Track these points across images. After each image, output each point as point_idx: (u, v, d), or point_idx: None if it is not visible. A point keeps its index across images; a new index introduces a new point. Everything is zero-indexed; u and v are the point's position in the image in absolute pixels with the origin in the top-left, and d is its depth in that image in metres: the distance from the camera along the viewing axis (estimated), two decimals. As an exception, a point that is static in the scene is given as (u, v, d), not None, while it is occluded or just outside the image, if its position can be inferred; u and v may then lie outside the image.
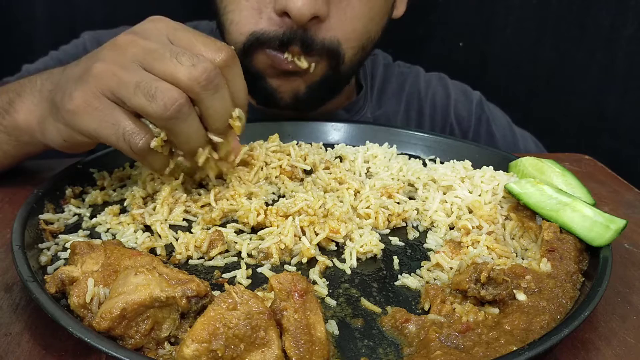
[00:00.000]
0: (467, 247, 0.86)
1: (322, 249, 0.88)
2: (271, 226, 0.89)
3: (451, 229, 0.94)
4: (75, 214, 0.94)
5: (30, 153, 1.01)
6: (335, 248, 0.89)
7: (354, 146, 1.20)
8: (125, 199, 0.96)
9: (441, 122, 1.53)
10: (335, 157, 1.14)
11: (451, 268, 0.82)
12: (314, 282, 0.79)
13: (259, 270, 0.82)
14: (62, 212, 0.94)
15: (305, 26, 1.10)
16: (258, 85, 1.21)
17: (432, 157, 1.19)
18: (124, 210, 0.96)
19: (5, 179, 1.05)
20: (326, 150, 1.18)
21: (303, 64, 1.15)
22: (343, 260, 0.85)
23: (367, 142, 1.20)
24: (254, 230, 0.90)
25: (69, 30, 1.70)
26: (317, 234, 0.87)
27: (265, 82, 1.21)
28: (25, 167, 1.09)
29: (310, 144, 1.17)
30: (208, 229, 0.90)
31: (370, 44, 1.25)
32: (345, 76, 1.28)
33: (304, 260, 0.84)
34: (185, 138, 0.83)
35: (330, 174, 1.05)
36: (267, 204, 0.94)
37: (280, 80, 1.21)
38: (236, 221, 0.93)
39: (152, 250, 0.86)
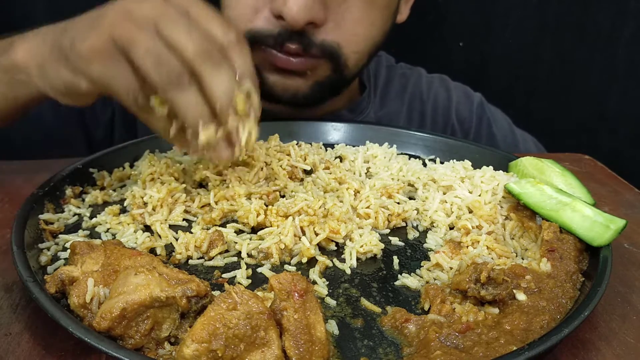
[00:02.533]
0: (467, 247, 0.86)
1: (322, 249, 0.88)
2: (271, 226, 0.89)
3: (451, 229, 0.94)
4: (75, 214, 0.94)
5: (22, 97, 0.99)
6: (335, 248, 0.89)
7: (354, 146, 1.20)
8: (125, 199, 0.96)
9: (443, 123, 1.53)
10: (335, 157, 1.14)
11: (451, 268, 0.82)
12: (314, 282, 0.79)
13: (259, 270, 0.82)
14: (62, 212, 0.94)
15: (302, 30, 1.11)
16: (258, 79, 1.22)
17: (432, 157, 1.19)
18: (124, 210, 0.96)
19: (5, 179, 1.04)
20: (326, 150, 1.18)
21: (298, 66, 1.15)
22: (343, 260, 0.85)
23: (367, 142, 1.20)
24: (254, 230, 0.90)
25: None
26: (317, 234, 0.87)
27: (262, 76, 1.21)
28: (25, 167, 1.09)
29: (310, 144, 1.17)
30: (208, 229, 0.90)
31: (374, 49, 1.26)
32: (351, 80, 1.30)
33: (304, 260, 0.84)
34: (185, 109, 0.82)
35: (330, 174, 1.05)
36: (266, 204, 0.94)
37: (278, 77, 1.21)
38: (236, 221, 0.93)
39: (152, 250, 0.86)
